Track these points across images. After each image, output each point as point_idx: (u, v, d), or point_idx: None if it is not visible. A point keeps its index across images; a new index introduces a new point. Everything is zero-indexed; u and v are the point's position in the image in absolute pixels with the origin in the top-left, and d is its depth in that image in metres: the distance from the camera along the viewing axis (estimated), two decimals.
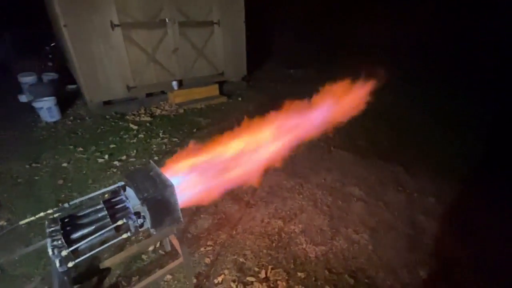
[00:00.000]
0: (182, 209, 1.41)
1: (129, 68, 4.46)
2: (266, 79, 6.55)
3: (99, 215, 1.15)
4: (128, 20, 4.23)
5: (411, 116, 4.21)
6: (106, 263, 1.45)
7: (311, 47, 8.81)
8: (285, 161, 2.94)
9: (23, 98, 4.74)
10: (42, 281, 1.58)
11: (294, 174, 2.80)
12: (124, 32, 4.24)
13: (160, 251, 1.83)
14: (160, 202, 1.19)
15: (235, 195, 2.42)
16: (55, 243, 1.03)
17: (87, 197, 1.22)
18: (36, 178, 2.67)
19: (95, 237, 1.09)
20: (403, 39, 7.84)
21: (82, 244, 1.07)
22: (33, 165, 2.88)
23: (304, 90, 2.57)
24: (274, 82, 6.27)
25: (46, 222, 1.11)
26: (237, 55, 5.83)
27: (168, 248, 1.82)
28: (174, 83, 4.87)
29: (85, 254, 1.08)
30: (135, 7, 4.25)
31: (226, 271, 1.71)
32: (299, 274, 1.71)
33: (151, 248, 1.83)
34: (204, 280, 1.66)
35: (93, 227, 1.11)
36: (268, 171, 2.76)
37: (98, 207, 1.17)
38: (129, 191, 1.24)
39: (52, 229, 1.07)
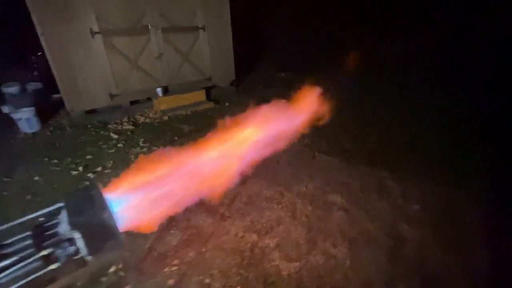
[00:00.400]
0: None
1: (111, 76, 4.37)
2: (256, 83, 6.46)
3: (25, 243, 1.03)
4: (108, 27, 4.14)
5: (402, 118, 4.09)
6: None
7: (303, 48, 8.72)
8: (267, 168, 2.84)
9: (5, 109, 4.63)
10: None
11: (275, 182, 2.68)
12: (104, 39, 4.16)
13: (121, 272, 1.71)
14: (95, 227, 1.07)
15: (210, 206, 2.29)
16: None
17: (16, 222, 1.11)
18: (5, 193, 2.55)
19: (16, 270, 0.97)
20: (397, 40, 7.74)
21: (1, 277, 0.96)
22: (4, 179, 2.77)
23: (293, 93, 2.49)
24: (265, 86, 6.18)
25: None
26: (225, 59, 5.75)
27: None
28: (159, 90, 4.77)
29: None
30: (115, 14, 4.17)
31: None
32: None
33: (112, 270, 1.71)
34: None
35: (16, 258, 1.00)
36: (248, 179, 2.64)
37: (25, 234, 1.06)
38: (64, 214, 1.12)
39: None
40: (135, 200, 1.36)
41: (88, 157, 3.16)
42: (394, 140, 3.45)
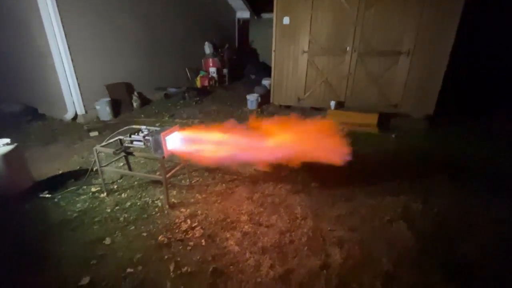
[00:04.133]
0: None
1: (303, 85, 5.70)
2: (463, 130, 4.92)
3: (143, 134, 2.61)
4: (314, 48, 5.39)
5: None
6: None
7: None
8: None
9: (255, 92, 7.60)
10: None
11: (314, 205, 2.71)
12: (309, 58, 5.48)
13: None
14: (156, 139, 2.42)
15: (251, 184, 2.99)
16: (124, 138, 2.65)
17: (151, 128, 2.72)
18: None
19: (138, 140, 2.58)
20: None
21: (134, 140, 2.61)
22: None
23: None
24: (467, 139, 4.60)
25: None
26: (425, 89, 5.00)
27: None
28: (332, 103, 5.41)
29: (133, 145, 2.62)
30: (323, 39, 5.29)
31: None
32: None
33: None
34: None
35: (141, 137, 2.60)
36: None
37: (146, 132, 2.65)
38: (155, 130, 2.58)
39: (129, 134, 2.68)
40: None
41: None
42: None
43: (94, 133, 4.60)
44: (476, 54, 6.33)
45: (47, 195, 2.80)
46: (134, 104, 6.01)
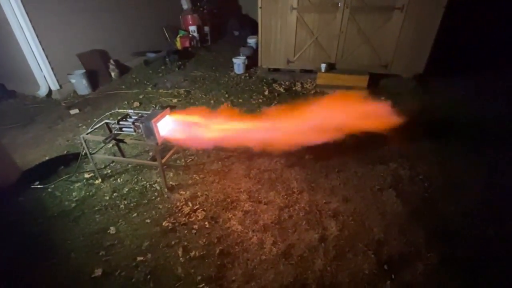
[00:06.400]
0: None
1: (293, 45, 5.40)
2: (456, 88, 4.97)
3: (132, 120, 2.49)
4: (304, 4, 4.97)
5: None
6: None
7: None
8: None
9: (241, 53, 7.18)
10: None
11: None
12: (298, 15, 5.09)
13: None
14: (147, 126, 2.32)
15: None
16: (112, 125, 2.51)
17: (140, 111, 2.59)
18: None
19: (127, 127, 2.46)
20: None
21: (123, 126, 2.49)
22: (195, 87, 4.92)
23: None
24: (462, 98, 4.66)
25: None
26: (417, 47, 4.89)
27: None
28: (323, 65, 5.22)
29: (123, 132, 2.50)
30: None
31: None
32: None
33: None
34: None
35: (130, 123, 2.48)
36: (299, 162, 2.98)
37: (135, 117, 2.52)
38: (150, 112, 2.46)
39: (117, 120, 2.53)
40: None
41: (240, 100, 4.67)
42: None
43: (74, 111, 4.32)
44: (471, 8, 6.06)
45: (39, 186, 2.73)
46: (112, 74, 5.57)
